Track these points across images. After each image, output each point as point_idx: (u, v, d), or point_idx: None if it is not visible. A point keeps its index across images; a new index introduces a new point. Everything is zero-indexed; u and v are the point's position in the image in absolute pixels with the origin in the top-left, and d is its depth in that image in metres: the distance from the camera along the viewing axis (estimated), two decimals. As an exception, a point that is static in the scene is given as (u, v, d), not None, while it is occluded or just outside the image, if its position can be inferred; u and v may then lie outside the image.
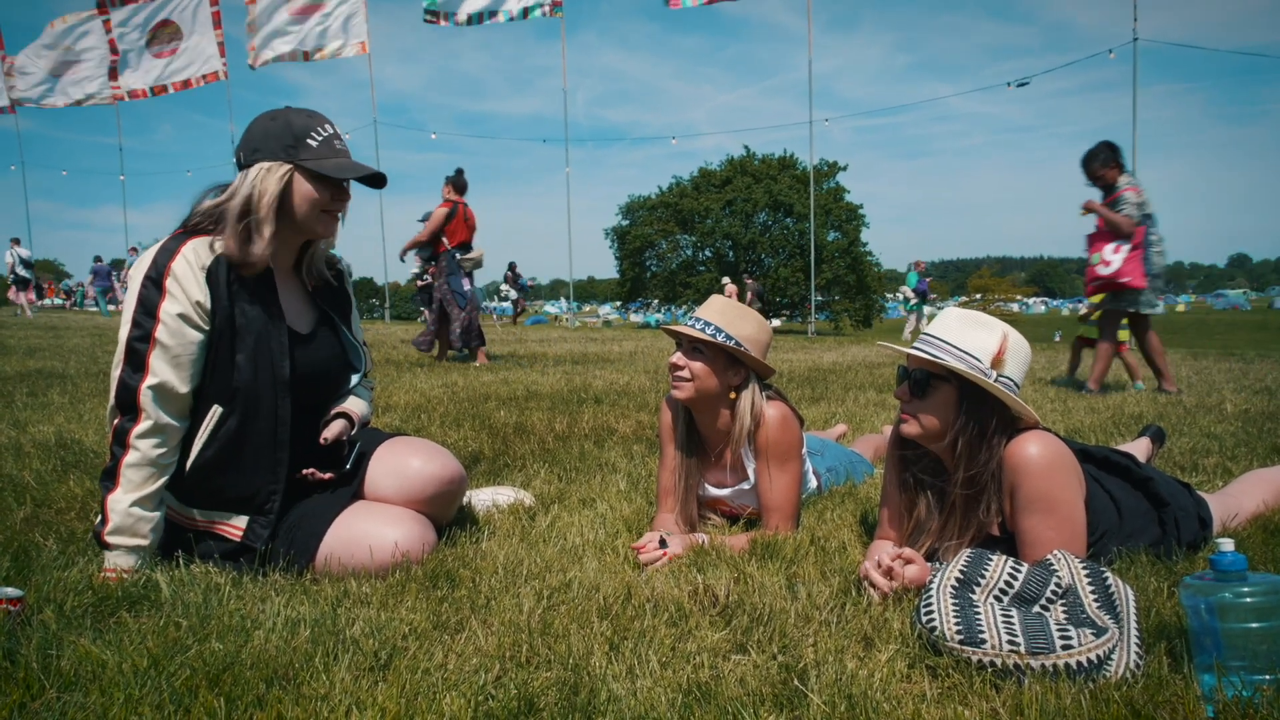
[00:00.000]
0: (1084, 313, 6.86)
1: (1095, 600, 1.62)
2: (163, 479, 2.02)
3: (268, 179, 2.03)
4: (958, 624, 1.56)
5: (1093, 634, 1.51)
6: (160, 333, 1.96)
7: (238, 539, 2.09)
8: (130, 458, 1.96)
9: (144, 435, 1.97)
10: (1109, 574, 1.67)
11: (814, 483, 2.84)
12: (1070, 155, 6.17)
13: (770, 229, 31.93)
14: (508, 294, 26.45)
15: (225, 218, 2.04)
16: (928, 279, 19.82)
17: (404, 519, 2.15)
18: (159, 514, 2.03)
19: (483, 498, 2.76)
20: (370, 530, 2.09)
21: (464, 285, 8.12)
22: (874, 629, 1.70)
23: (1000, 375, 1.91)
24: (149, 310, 1.97)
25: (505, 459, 3.53)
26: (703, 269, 33.41)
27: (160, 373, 1.96)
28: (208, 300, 2.00)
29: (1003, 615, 1.57)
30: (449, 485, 2.29)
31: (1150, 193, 5.69)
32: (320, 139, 2.07)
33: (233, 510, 2.11)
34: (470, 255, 8.16)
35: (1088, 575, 1.66)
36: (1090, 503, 1.99)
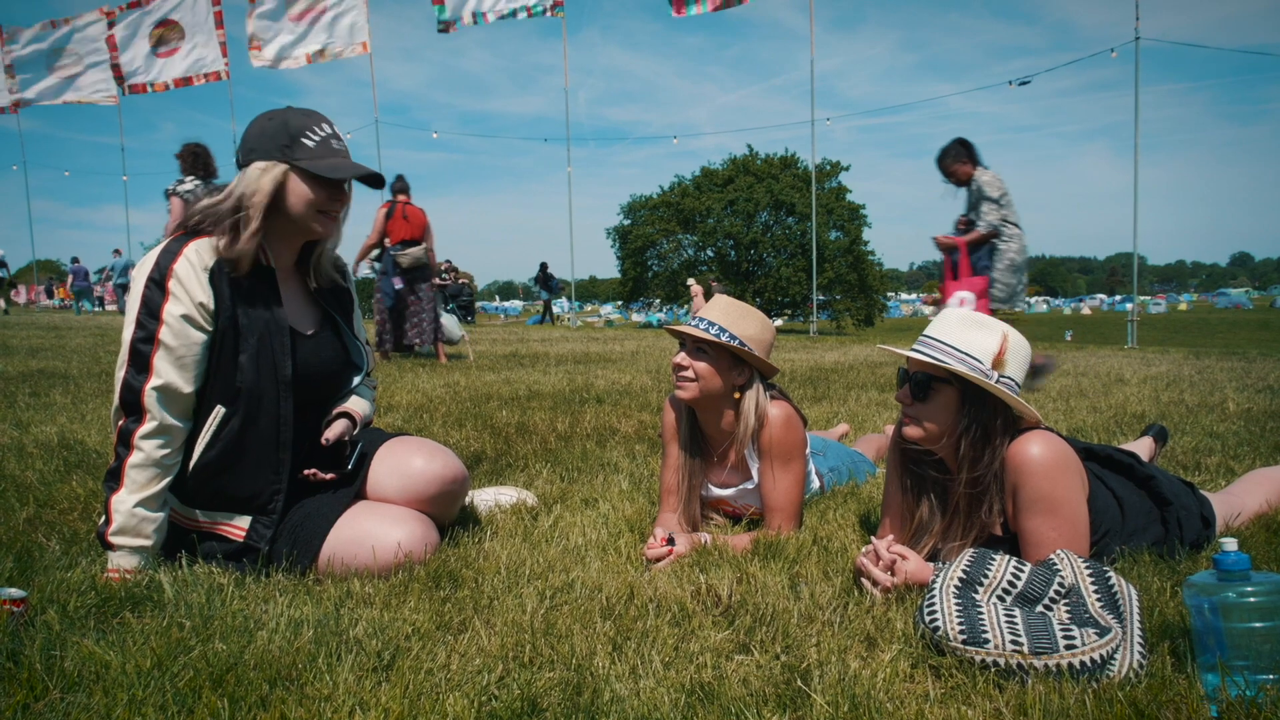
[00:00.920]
0: None
1: (1098, 600, 1.61)
2: (166, 479, 2.02)
3: (262, 179, 2.03)
4: (961, 624, 1.56)
5: (1096, 634, 1.51)
6: (164, 334, 1.97)
7: (240, 539, 2.09)
8: (134, 458, 1.97)
9: (148, 436, 1.97)
10: (1112, 573, 1.66)
11: (816, 483, 2.84)
12: (1072, 155, 6.24)
13: (772, 228, 31.88)
14: (540, 294, 26.23)
15: (217, 215, 2.04)
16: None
17: (407, 519, 2.15)
18: (162, 515, 2.04)
19: (485, 498, 2.76)
20: (373, 530, 2.09)
21: (394, 285, 8.27)
22: (877, 629, 1.70)
23: (1001, 376, 1.91)
24: (152, 312, 1.97)
25: (507, 459, 3.53)
26: (704, 269, 33.39)
27: (164, 374, 1.97)
28: (211, 301, 2.00)
29: (1006, 615, 1.57)
30: (451, 485, 2.29)
31: (1151, 192, 5.79)
32: (317, 139, 2.06)
33: (235, 511, 2.11)
34: (407, 253, 8.20)
35: (1091, 575, 1.66)
36: (1093, 502, 1.99)
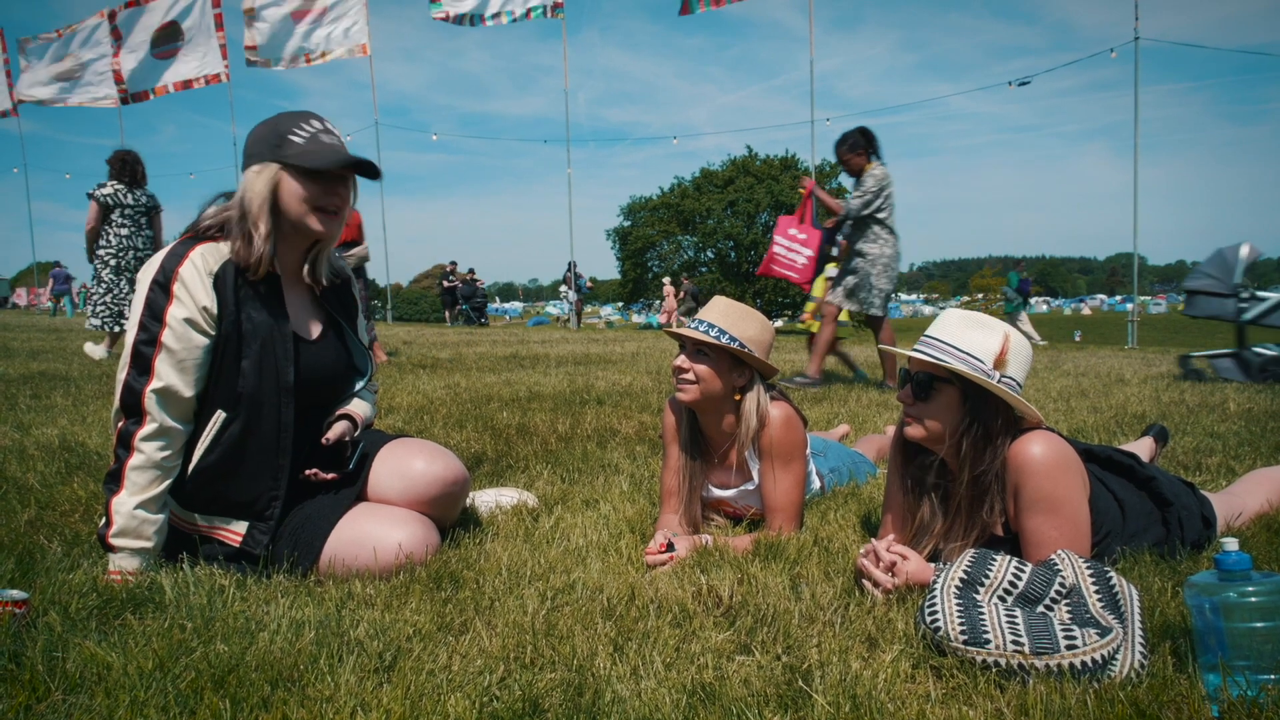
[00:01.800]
0: (805, 318, 7.32)
1: (1099, 600, 1.61)
2: (166, 482, 2.02)
3: (256, 181, 2.04)
4: (962, 624, 1.56)
5: (1097, 634, 1.51)
6: (166, 337, 1.97)
7: (237, 545, 2.09)
8: (135, 460, 1.97)
9: (148, 438, 1.97)
10: (1113, 574, 1.66)
11: (817, 483, 2.84)
12: (1071, 155, 6.23)
13: (772, 229, 31.97)
14: (566, 295, 25.90)
15: (230, 223, 2.07)
16: (1029, 278, 20.29)
17: (408, 520, 2.16)
18: (163, 516, 2.04)
19: (486, 499, 2.76)
20: (374, 532, 2.09)
21: None
22: (878, 629, 1.70)
23: (1003, 376, 1.91)
24: (156, 314, 1.98)
25: (508, 460, 3.53)
26: (705, 269, 33.38)
27: (166, 377, 1.97)
28: (214, 306, 2.00)
29: (1007, 615, 1.57)
30: (452, 486, 2.30)
31: (1151, 192, 5.76)
32: (306, 135, 2.06)
33: (233, 515, 2.11)
34: (351, 254, 8.28)
35: (1092, 575, 1.66)
36: (1094, 502, 1.99)
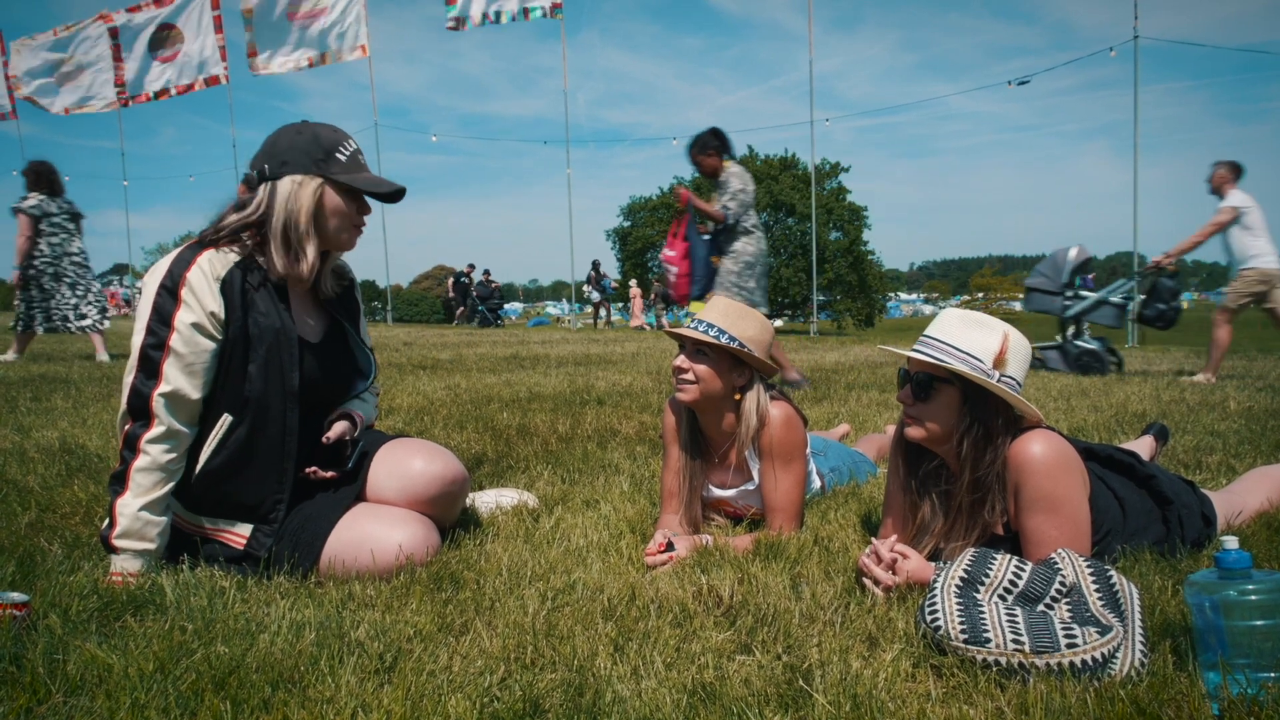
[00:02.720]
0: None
1: (1100, 598, 1.61)
2: (171, 484, 2.02)
3: (300, 194, 2.06)
4: (962, 623, 1.56)
5: (1097, 632, 1.51)
6: (174, 341, 1.98)
7: (241, 547, 2.10)
8: (140, 462, 1.97)
9: (155, 440, 1.98)
10: (1113, 572, 1.66)
11: (817, 483, 2.84)
12: (1071, 154, 6.25)
13: (772, 229, 31.90)
14: (590, 295, 25.45)
15: (268, 238, 2.08)
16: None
17: (407, 521, 2.16)
18: (166, 519, 2.04)
19: (486, 499, 2.76)
20: (374, 532, 2.09)
21: None
22: (878, 629, 1.70)
23: (1003, 375, 1.90)
24: (164, 318, 1.98)
25: (508, 461, 3.53)
26: (705, 269, 33.33)
27: (173, 380, 1.98)
28: (222, 311, 2.01)
29: (1007, 614, 1.57)
30: (451, 486, 2.30)
31: (1151, 191, 5.77)
32: (348, 153, 2.12)
33: (237, 518, 2.11)
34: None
35: (1092, 573, 1.66)
36: (1094, 501, 1.99)
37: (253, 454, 2.07)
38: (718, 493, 2.55)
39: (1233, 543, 1.48)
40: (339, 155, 2.10)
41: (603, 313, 25.28)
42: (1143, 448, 3.10)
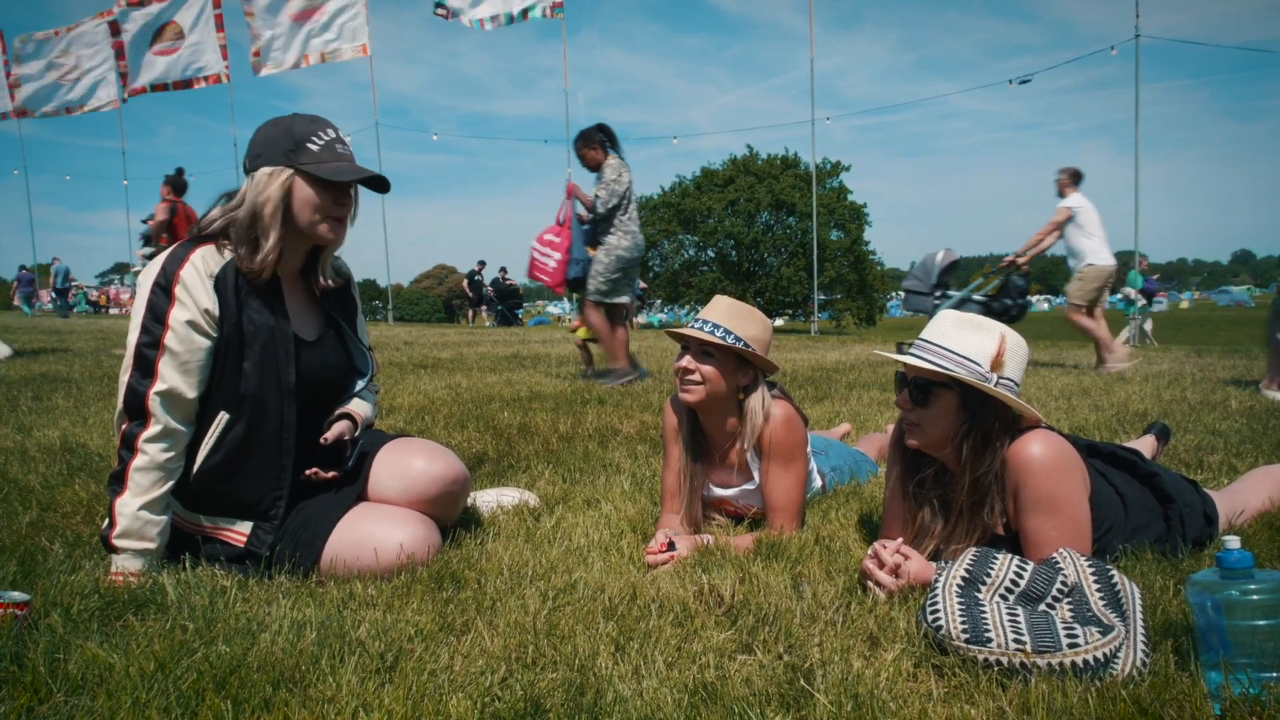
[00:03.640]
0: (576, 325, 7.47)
1: (1101, 598, 1.61)
2: (170, 483, 2.02)
3: (269, 185, 2.04)
4: (963, 623, 1.56)
5: (1099, 632, 1.51)
6: (169, 339, 1.97)
7: (242, 545, 2.10)
8: (138, 461, 1.97)
9: (152, 439, 1.98)
10: (1115, 572, 1.66)
11: (818, 482, 2.84)
12: (1072, 153, 6.31)
13: (773, 228, 31.89)
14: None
15: (236, 227, 2.06)
16: (1155, 276, 17.44)
17: (408, 520, 2.16)
18: (166, 518, 2.04)
19: (487, 499, 2.76)
20: (375, 532, 2.09)
21: None
22: (880, 628, 1.70)
23: (1000, 377, 1.90)
24: (158, 317, 1.98)
25: (509, 460, 3.53)
26: (705, 269, 33.37)
27: (169, 379, 1.98)
28: (216, 308, 2.01)
29: (1008, 614, 1.57)
30: (452, 486, 2.30)
31: (1152, 190, 5.79)
32: (321, 143, 2.07)
33: (237, 516, 2.11)
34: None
35: (1093, 573, 1.66)
36: (1096, 497, 1.98)
37: (250, 451, 2.07)
38: (719, 492, 2.55)
39: (1235, 542, 1.47)
40: (310, 145, 2.05)
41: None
42: (1145, 447, 3.10)
